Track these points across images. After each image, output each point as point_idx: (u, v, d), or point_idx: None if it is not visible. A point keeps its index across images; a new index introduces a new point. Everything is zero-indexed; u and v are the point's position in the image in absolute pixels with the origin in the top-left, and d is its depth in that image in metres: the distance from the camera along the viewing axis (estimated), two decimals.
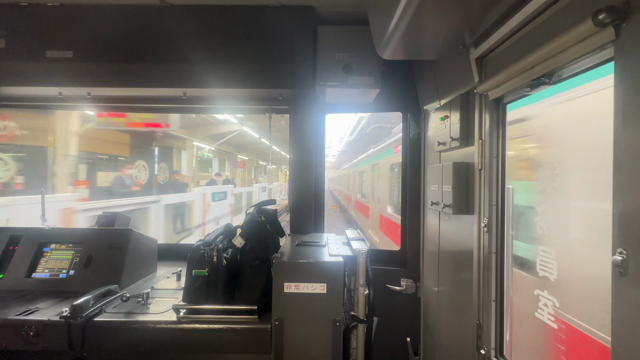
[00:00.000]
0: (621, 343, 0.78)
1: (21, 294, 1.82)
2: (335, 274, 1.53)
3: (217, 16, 2.08)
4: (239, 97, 2.32)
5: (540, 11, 1.06)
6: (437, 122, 1.95)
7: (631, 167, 0.75)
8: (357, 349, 1.70)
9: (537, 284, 1.42)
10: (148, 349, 1.55)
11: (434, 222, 2.11)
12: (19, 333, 1.52)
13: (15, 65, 2.06)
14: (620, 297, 0.78)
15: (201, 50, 2.06)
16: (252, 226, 1.80)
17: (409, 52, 1.73)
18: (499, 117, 1.44)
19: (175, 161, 15.54)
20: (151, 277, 2.16)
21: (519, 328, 1.49)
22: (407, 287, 2.36)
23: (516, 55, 1.19)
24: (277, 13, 2.07)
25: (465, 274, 1.65)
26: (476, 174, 1.52)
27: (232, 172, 25.83)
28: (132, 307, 1.67)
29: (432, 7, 1.21)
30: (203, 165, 20.88)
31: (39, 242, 2.03)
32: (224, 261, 1.65)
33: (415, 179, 2.41)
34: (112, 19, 2.07)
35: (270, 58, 2.07)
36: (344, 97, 2.30)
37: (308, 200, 2.27)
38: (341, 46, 2.09)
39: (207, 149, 17.88)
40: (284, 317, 1.52)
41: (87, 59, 2.06)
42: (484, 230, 1.47)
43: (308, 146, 2.27)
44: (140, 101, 2.37)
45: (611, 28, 0.79)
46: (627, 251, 0.75)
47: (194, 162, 16.00)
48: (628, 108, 0.76)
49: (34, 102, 2.37)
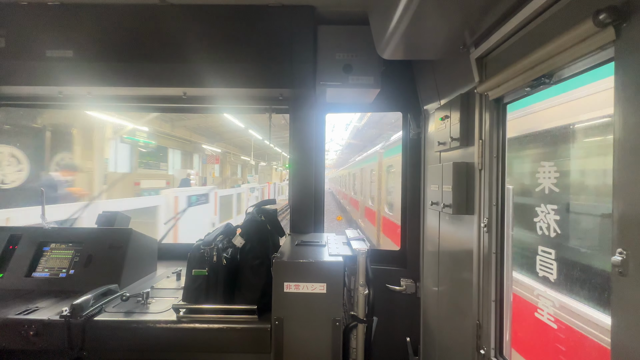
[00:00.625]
0: (621, 343, 0.78)
1: (21, 293, 1.82)
2: (335, 274, 1.53)
3: (217, 16, 2.07)
4: (239, 96, 2.32)
5: (540, 11, 1.06)
6: (437, 122, 1.95)
7: (631, 167, 0.75)
8: (357, 349, 1.70)
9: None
10: (148, 349, 1.55)
11: (434, 222, 2.11)
12: (18, 332, 1.52)
13: (15, 64, 2.06)
14: (620, 297, 0.78)
15: (201, 50, 2.06)
16: (252, 226, 1.80)
17: (409, 52, 1.73)
18: (499, 117, 1.44)
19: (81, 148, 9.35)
20: (151, 277, 2.16)
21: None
22: (407, 287, 2.36)
23: (516, 55, 1.19)
24: (278, 13, 2.06)
25: (465, 274, 1.65)
26: (476, 174, 1.52)
27: (204, 170, 20.69)
28: (132, 307, 1.67)
29: (433, 7, 1.21)
30: (152, 159, 15.76)
31: (39, 242, 2.03)
32: (223, 261, 1.65)
33: (415, 179, 2.41)
34: (112, 19, 2.07)
35: (271, 58, 2.07)
36: (344, 97, 2.30)
37: (308, 200, 2.27)
38: (341, 46, 2.09)
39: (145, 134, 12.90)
40: (284, 317, 1.52)
41: (87, 59, 2.06)
42: (484, 231, 1.47)
43: (308, 146, 2.27)
44: (140, 101, 2.37)
45: (611, 28, 0.79)
46: (627, 251, 0.75)
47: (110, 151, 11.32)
48: (628, 108, 0.76)
49: (34, 102, 2.37)
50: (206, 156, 20.06)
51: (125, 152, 13.78)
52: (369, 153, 11.00)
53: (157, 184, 11.90)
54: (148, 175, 13.36)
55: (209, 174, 20.66)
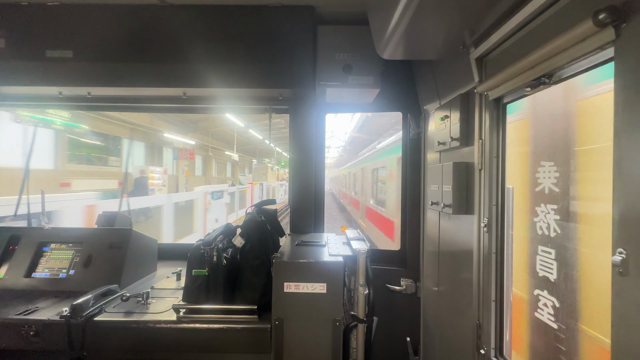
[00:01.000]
0: (621, 343, 0.78)
1: (21, 293, 1.82)
2: (335, 274, 1.53)
3: (217, 16, 2.07)
4: (239, 96, 2.32)
5: (540, 11, 1.06)
6: (437, 122, 1.95)
7: (631, 168, 0.75)
8: (357, 349, 1.70)
9: None
10: (148, 349, 1.55)
11: (434, 222, 2.11)
12: (19, 332, 1.52)
13: (15, 64, 2.06)
14: (620, 297, 0.78)
15: (201, 50, 2.06)
16: (252, 226, 1.80)
17: (408, 52, 1.73)
18: (499, 117, 1.44)
19: None
20: (151, 277, 2.16)
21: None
22: (407, 286, 2.36)
23: (516, 55, 1.19)
24: (277, 13, 2.06)
25: (465, 273, 1.65)
26: (476, 174, 1.53)
27: (178, 167, 16.66)
28: (132, 307, 1.67)
29: (432, 7, 1.21)
30: (95, 152, 11.50)
31: (39, 242, 2.03)
32: (224, 261, 1.65)
33: (415, 178, 2.41)
34: (112, 19, 2.07)
35: (270, 58, 2.07)
36: (344, 97, 2.30)
37: (308, 200, 2.27)
38: (341, 46, 2.09)
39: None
40: (284, 317, 1.52)
41: (87, 59, 2.06)
42: (484, 230, 1.47)
43: (308, 146, 2.27)
44: (140, 101, 2.37)
45: (611, 28, 0.79)
46: (627, 251, 0.75)
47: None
48: (628, 108, 0.76)
49: (34, 102, 2.37)
50: (178, 150, 15.11)
51: (47, 140, 9.65)
52: (392, 140, 8.15)
53: (101, 185, 8.94)
54: (87, 174, 9.75)
55: (183, 172, 16.36)
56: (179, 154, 15.48)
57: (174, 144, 15.79)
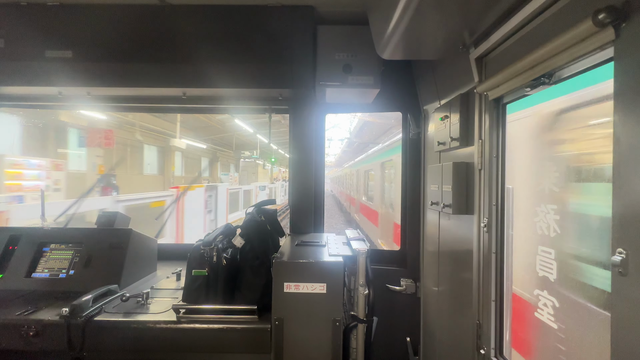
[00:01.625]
0: (621, 343, 0.78)
1: (21, 293, 1.82)
2: (335, 274, 1.53)
3: (217, 16, 2.07)
4: (239, 96, 2.32)
5: (540, 11, 1.06)
6: (437, 122, 1.95)
7: (631, 167, 0.75)
8: (357, 349, 1.70)
9: None
10: (148, 349, 1.55)
11: (434, 222, 2.11)
12: (18, 333, 1.52)
13: (15, 64, 2.06)
14: (620, 297, 0.78)
15: (201, 50, 2.06)
16: (251, 226, 1.80)
17: (408, 52, 1.73)
18: (498, 117, 1.44)
19: None
20: (151, 277, 2.16)
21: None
22: (407, 287, 2.36)
23: (516, 55, 1.19)
24: (277, 13, 2.06)
25: (465, 273, 1.65)
26: (476, 174, 1.52)
27: (89, 159, 10.59)
28: (132, 307, 1.67)
29: (432, 7, 1.21)
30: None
31: (39, 242, 2.03)
32: (223, 261, 1.65)
33: (415, 179, 2.41)
34: (112, 19, 2.07)
35: (270, 58, 2.07)
36: (343, 97, 2.30)
37: (308, 200, 2.27)
38: (341, 46, 2.09)
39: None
40: (284, 317, 1.52)
41: (86, 59, 2.06)
42: (484, 230, 1.47)
43: (308, 146, 2.27)
44: (140, 101, 2.37)
45: (611, 28, 0.79)
46: (627, 251, 0.75)
47: None
48: (628, 108, 0.76)
49: (34, 102, 2.37)
50: (85, 133, 9.30)
51: None
52: (378, 148, 8.10)
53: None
54: None
55: (99, 167, 10.57)
56: (87, 139, 9.45)
57: (80, 122, 9.69)
